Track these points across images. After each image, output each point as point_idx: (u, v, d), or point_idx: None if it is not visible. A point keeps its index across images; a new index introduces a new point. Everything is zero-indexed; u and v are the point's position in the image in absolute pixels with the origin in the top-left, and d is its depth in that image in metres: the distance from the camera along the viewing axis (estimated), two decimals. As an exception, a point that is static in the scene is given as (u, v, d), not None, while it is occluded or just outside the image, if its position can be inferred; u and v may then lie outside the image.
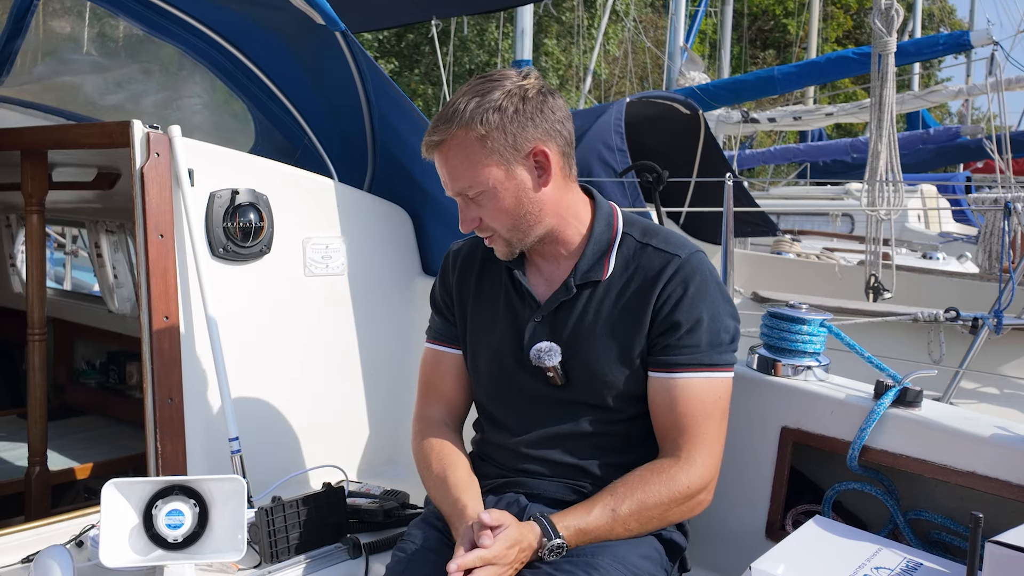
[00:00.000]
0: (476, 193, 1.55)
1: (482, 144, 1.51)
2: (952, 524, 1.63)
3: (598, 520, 1.52)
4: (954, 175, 14.59)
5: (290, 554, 1.84)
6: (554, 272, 1.67)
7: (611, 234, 1.65)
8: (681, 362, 1.56)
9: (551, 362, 1.60)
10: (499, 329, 1.70)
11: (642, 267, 1.61)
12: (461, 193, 1.57)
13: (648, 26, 22.50)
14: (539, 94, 1.54)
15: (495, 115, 1.50)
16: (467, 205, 1.58)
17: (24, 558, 1.83)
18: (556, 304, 1.64)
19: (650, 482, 1.54)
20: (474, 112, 1.50)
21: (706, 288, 1.58)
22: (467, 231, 1.62)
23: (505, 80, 1.54)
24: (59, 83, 3.37)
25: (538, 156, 1.55)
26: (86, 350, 4.18)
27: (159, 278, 2.06)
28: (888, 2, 4.97)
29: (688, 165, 6.62)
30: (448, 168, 1.56)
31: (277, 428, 2.29)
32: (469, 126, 1.51)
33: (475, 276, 1.77)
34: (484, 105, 1.51)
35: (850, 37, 29.08)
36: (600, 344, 1.60)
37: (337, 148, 2.72)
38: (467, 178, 1.54)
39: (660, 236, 1.64)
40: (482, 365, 1.74)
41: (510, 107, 1.51)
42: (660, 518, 1.56)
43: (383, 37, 19.25)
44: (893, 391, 1.67)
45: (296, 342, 2.34)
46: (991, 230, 6.13)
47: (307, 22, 2.39)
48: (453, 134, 1.52)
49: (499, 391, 1.72)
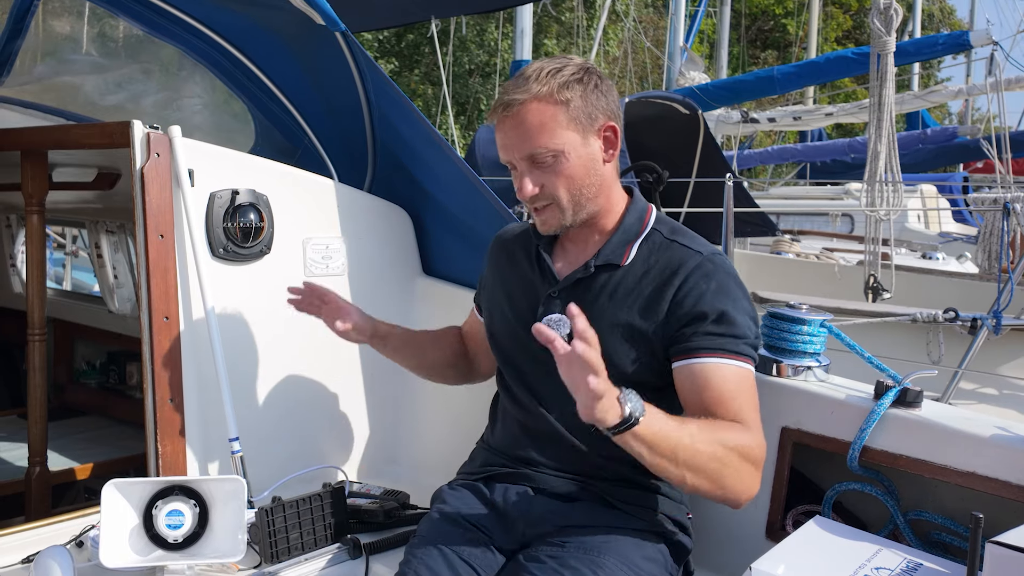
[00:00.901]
0: (551, 156, 1.58)
1: (565, 108, 1.57)
2: (952, 524, 1.63)
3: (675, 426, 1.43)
4: (951, 175, 14.58)
5: (290, 554, 1.84)
6: (580, 255, 1.72)
7: (640, 227, 1.69)
8: (704, 346, 1.56)
9: (561, 332, 1.61)
10: (516, 302, 1.78)
11: (664, 260, 1.63)
12: (532, 156, 1.59)
13: (648, 26, 22.50)
14: (603, 76, 1.64)
15: (578, 85, 1.58)
16: (531, 171, 1.61)
17: (24, 558, 1.83)
18: (573, 280, 1.68)
19: (727, 427, 1.49)
20: (558, 78, 1.57)
21: (729, 285, 1.60)
22: (526, 197, 1.63)
23: (576, 59, 1.63)
24: (59, 83, 3.37)
25: (608, 131, 1.62)
26: (86, 350, 4.18)
27: (159, 278, 2.06)
28: (887, 2, 4.97)
29: (688, 165, 6.62)
30: (523, 129, 1.58)
31: (277, 428, 2.29)
32: (553, 89, 1.57)
33: (508, 256, 1.86)
34: (566, 73, 1.58)
35: (850, 37, 29.08)
36: (609, 324, 1.62)
37: (337, 148, 2.72)
38: (544, 140, 1.57)
39: (688, 236, 1.68)
40: (499, 336, 1.83)
41: (590, 81, 1.60)
42: (718, 472, 1.45)
43: (383, 37, 19.25)
44: (893, 391, 1.68)
45: (296, 342, 2.34)
46: (991, 230, 6.14)
47: (307, 22, 2.39)
48: (537, 95, 1.57)
49: (513, 362, 1.78)
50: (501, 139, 1.63)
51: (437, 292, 2.53)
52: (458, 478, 1.83)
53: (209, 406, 2.13)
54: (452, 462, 1.93)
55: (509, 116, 1.59)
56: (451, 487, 1.79)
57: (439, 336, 2.09)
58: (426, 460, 2.50)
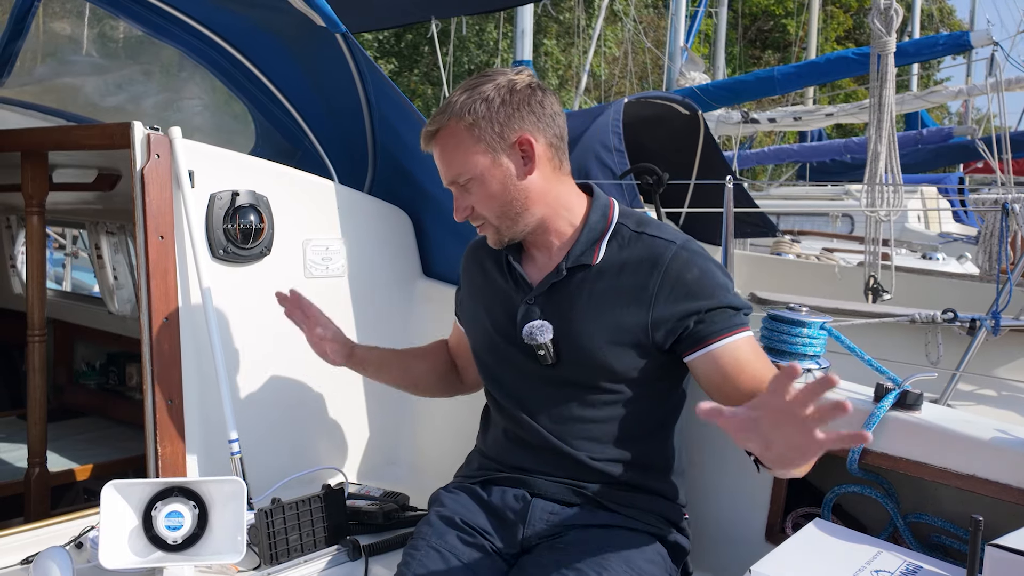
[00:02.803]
0: (466, 180, 1.62)
1: (470, 132, 1.60)
2: (952, 527, 1.63)
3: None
4: (946, 176, 14.58)
5: (289, 556, 1.84)
6: (547, 260, 1.72)
7: (605, 224, 1.69)
8: (716, 329, 1.58)
9: (542, 338, 1.64)
10: (494, 312, 1.77)
11: (637, 253, 1.64)
12: (453, 181, 1.65)
13: (648, 27, 22.49)
14: (528, 88, 1.62)
15: (482, 105, 1.59)
16: (460, 194, 1.66)
17: (23, 559, 1.83)
18: (548, 286, 1.68)
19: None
20: (464, 103, 1.60)
21: (709, 267, 1.62)
22: (460, 220, 1.68)
23: (497, 75, 1.64)
24: (59, 84, 3.37)
25: (524, 145, 1.61)
26: (86, 351, 4.18)
27: (159, 279, 2.06)
28: (887, 2, 4.96)
29: (688, 166, 6.61)
30: (442, 157, 1.65)
31: (277, 430, 2.29)
32: (460, 116, 1.60)
33: (480, 266, 1.85)
34: (473, 96, 1.60)
35: (850, 37, 29.07)
36: (590, 324, 1.63)
37: (337, 150, 2.72)
38: (457, 166, 1.62)
39: (654, 226, 1.69)
40: (479, 348, 1.83)
41: (497, 98, 1.60)
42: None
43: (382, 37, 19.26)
44: (893, 394, 1.67)
45: (296, 344, 2.33)
46: (991, 231, 6.13)
47: (307, 24, 2.39)
48: (446, 124, 1.61)
49: (497, 374, 1.78)
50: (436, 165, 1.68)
51: (437, 294, 2.53)
52: (455, 481, 1.83)
53: (209, 407, 2.13)
54: (451, 464, 1.93)
55: (432, 146, 1.66)
56: (448, 490, 1.79)
57: (427, 351, 2.09)
58: (426, 462, 2.50)
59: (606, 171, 5.65)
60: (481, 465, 1.79)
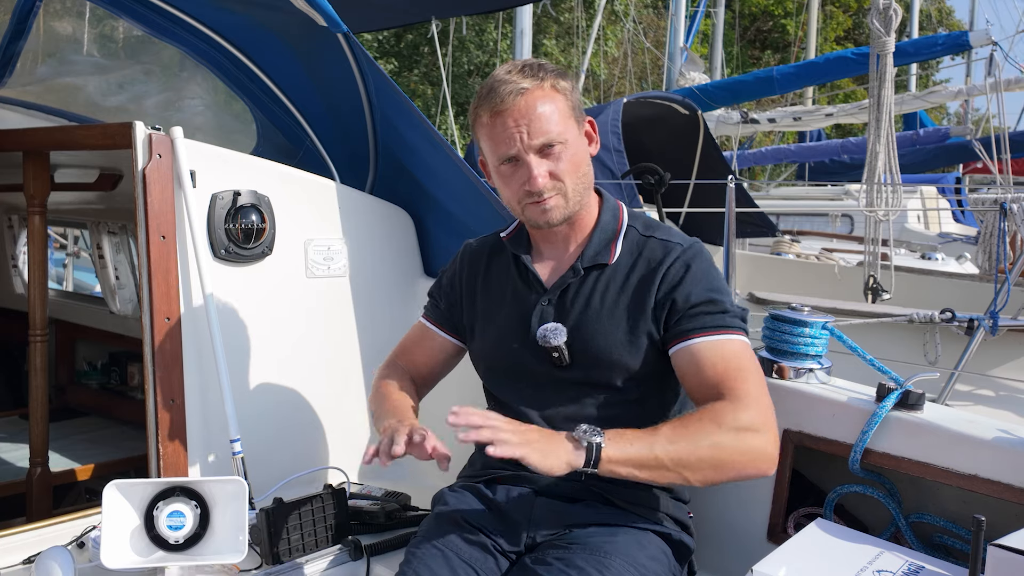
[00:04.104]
0: (559, 143, 1.59)
1: (566, 99, 1.61)
2: (954, 527, 1.63)
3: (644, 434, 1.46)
4: (943, 176, 14.58)
5: (291, 556, 1.84)
6: (560, 259, 1.73)
7: (617, 224, 1.72)
8: (696, 327, 1.58)
9: (557, 341, 1.63)
10: (505, 315, 1.75)
11: (645, 255, 1.66)
12: (547, 144, 1.58)
13: (648, 27, 22.49)
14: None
15: (566, 80, 1.63)
16: (540, 160, 1.59)
17: (25, 559, 1.83)
18: (564, 286, 1.69)
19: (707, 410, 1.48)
20: (552, 71, 1.61)
21: (709, 268, 1.64)
22: (540, 186, 1.59)
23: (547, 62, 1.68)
24: (61, 84, 3.37)
25: (590, 126, 1.69)
26: (88, 351, 4.18)
27: (161, 279, 2.06)
28: (887, 2, 4.96)
29: (687, 166, 6.62)
30: (533, 115, 1.56)
31: (279, 430, 2.30)
32: (557, 81, 1.60)
33: (483, 269, 1.84)
34: (552, 69, 1.62)
35: (849, 37, 29.07)
36: (604, 325, 1.64)
37: (339, 150, 2.72)
38: (555, 129, 1.58)
39: (662, 230, 1.72)
40: (489, 352, 1.79)
41: (571, 78, 1.66)
42: (715, 458, 1.45)
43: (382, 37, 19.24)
44: (895, 394, 1.68)
45: (298, 344, 2.34)
46: (991, 231, 6.13)
47: (309, 24, 2.39)
48: (544, 83, 1.59)
49: (506, 377, 1.76)
50: (502, 131, 1.57)
51: (438, 293, 2.53)
52: (459, 481, 1.83)
53: (210, 407, 2.13)
54: (454, 463, 1.91)
55: (513, 106, 1.56)
56: (452, 489, 1.79)
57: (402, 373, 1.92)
58: (427, 462, 2.49)
59: (605, 171, 5.66)
60: (485, 464, 1.79)
